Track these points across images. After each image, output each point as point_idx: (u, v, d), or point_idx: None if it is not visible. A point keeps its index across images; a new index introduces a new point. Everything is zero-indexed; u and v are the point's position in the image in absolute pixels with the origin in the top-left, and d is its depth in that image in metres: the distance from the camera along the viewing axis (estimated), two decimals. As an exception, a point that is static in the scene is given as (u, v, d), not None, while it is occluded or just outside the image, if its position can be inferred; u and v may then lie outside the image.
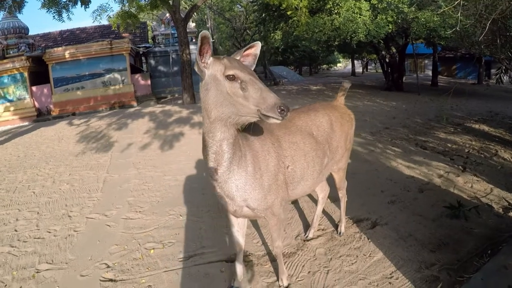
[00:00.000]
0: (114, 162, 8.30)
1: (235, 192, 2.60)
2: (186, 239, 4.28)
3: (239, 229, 3.16)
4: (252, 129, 2.67)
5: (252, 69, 2.48)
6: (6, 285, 3.64)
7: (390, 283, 3.22)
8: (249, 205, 2.68)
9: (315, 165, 3.16)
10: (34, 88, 19.64)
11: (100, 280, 3.59)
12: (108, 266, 3.83)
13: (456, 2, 4.72)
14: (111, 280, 3.58)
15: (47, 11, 15.10)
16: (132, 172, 7.35)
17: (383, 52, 21.13)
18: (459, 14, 4.58)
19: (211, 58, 2.35)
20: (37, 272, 3.82)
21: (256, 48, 2.55)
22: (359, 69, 48.40)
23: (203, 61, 2.31)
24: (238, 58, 2.47)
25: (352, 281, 3.30)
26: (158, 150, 9.20)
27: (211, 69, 2.33)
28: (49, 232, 4.80)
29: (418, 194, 5.21)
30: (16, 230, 4.94)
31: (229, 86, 2.28)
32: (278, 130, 2.99)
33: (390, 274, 3.35)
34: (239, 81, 2.26)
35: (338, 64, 64.29)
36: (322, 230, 4.32)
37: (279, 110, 2.14)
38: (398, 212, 4.64)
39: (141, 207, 5.41)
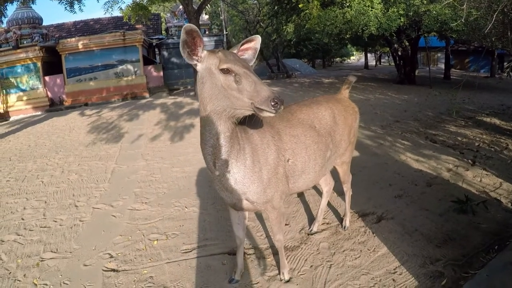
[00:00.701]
0: (123, 153, 8.34)
1: (234, 186, 2.57)
2: (190, 231, 4.27)
3: (240, 222, 3.13)
4: (250, 122, 2.62)
5: (252, 63, 2.48)
6: (10, 272, 3.68)
7: (393, 279, 3.16)
8: (248, 198, 2.65)
9: (316, 159, 3.10)
10: (47, 78, 19.81)
11: (103, 270, 3.60)
12: (112, 256, 3.84)
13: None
14: (113, 270, 3.59)
15: (59, 2, 15.17)
16: (141, 163, 7.37)
17: (395, 45, 20.87)
18: (465, 5, 4.48)
19: (205, 51, 2.34)
20: (42, 260, 3.86)
21: (256, 42, 2.52)
22: (372, 62, 47.99)
23: (197, 54, 2.32)
24: (235, 52, 2.44)
25: (355, 276, 3.25)
26: (168, 142, 9.22)
27: (206, 62, 2.32)
28: (55, 222, 4.83)
29: (426, 188, 5.12)
30: (23, 219, 4.99)
31: (223, 79, 2.26)
32: (279, 123, 2.95)
33: (394, 269, 3.30)
34: (234, 74, 2.23)
35: (352, 57, 63.82)
36: (327, 224, 4.27)
37: (272, 103, 2.11)
38: (404, 206, 4.56)
39: (147, 198, 5.42)
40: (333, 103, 3.46)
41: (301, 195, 5.05)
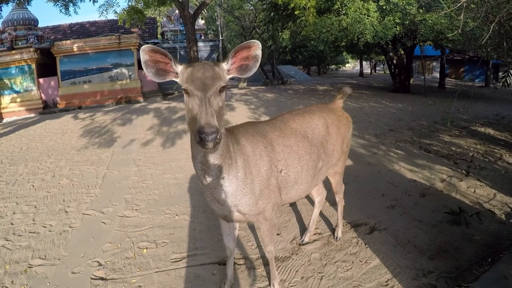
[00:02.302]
0: (115, 158, 8.28)
1: (225, 198, 2.54)
2: (180, 240, 4.24)
3: (230, 233, 3.10)
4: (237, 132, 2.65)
5: (252, 73, 2.38)
6: None
7: None
8: (240, 210, 2.63)
9: (309, 169, 3.08)
10: (41, 80, 19.63)
11: (91, 278, 3.56)
12: (100, 264, 3.81)
13: (459, 4, 4.64)
14: (101, 278, 3.56)
15: (54, 5, 15.10)
16: (132, 169, 7.33)
17: (390, 54, 20.95)
18: (462, 16, 4.50)
19: (180, 65, 2.32)
20: (30, 267, 3.82)
21: (254, 48, 2.31)
22: (367, 70, 48.17)
23: (172, 69, 2.31)
24: (228, 62, 2.34)
25: None
26: (160, 147, 9.17)
27: (180, 77, 2.30)
28: (45, 227, 4.79)
29: (419, 198, 5.11)
30: (12, 224, 4.95)
31: (185, 98, 2.25)
32: (272, 133, 2.93)
33: (386, 281, 3.28)
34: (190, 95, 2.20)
35: (347, 65, 64.00)
36: (319, 234, 4.25)
37: (198, 139, 2.01)
38: (397, 217, 4.55)
39: (137, 205, 5.38)
40: (326, 113, 3.44)
41: (293, 204, 5.03)
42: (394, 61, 20.91)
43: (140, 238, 4.32)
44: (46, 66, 19.86)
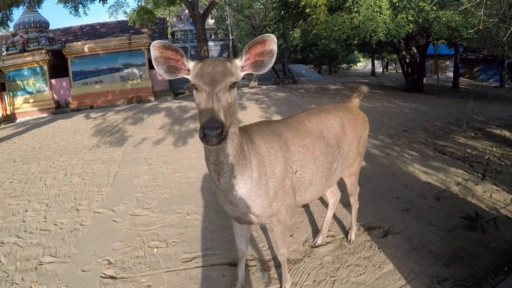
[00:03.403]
0: (126, 157, 8.29)
1: (239, 200, 2.47)
2: (191, 239, 4.19)
3: (242, 234, 3.04)
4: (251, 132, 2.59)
5: (267, 69, 2.29)
6: (8, 275, 3.65)
7: None
8: (253, 212, 2.55)
9: (324, 170, 2.99)
10: (53, 81, 19.92)
11: (101, 277, 3.54)
12: (110, 263, 3.78)
13: (478, 0, 4.52)
14: (111, 277, 3.53)
15: (63, 6, 15.20)
16: (144, 167, 7.32)
17: (403, 52, 20.70)
18: (481, 13, 4.37)
19: (192, 62, 2.26)
20: (40, 264, 3.82)
21: (269, 43, 2.20)
22: (379, 69, 47.69)
23: (184, 66, 2.26)
24: (242, 58, 2.26)
25: None
26: (171, 146, 9.16)
27: (191, 73, 2.24)
28: (56, 225, 4.79)
29: (434, 202, 4.95)
30: (24, 221, 4.97)
31: (194, 94, 2.19)
32: (287, 132, 2.85)
33: None
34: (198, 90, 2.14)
35: (358, 64, 63.50)
36: (332, 236, 4.15)
37: (201, 135, 1.92)
38: (412, 220, 4.41)
39: (148, 203, 5.36)
40: (343, 112, 3.34)
41: (305, 205, 4.94)
42: (407, 60, 20.65)
43: (151, 237, 4.29)
44: (58, 67, 20.12)
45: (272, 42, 2.20)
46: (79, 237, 4.40)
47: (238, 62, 2.26)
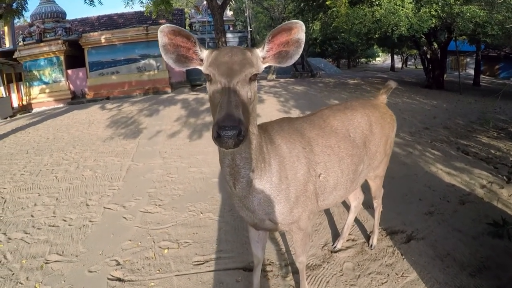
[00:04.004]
0: (140, 150, 8.12)
1: (257, 206, 2.23)
2: (204, 240, 3.98)
3: (259, 240, 2.79)
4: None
5: (293, 61, 2.00)
6: (13, 273, 3.53)
7: None
8: (272, 219, 2.30)
9: (349, 173, 2.72)
10: (69, 71, 19.95)
11: (108, 279, 3.38)
12: (118, 264, 3.60)
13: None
14: (119, 279, 3.36)
15: (78, -4, 15.14)
16: (157, 161, 7.14)
17: (424, 48, 20.25)
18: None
19: (205, 50, 2.00)
20: (46, 263, 3.69)
21: (296, 31, 1.93)
22: (398, 64, 47.06)
23: (196, 54, 1.99)
24: (264, 48, 1.99)
25: None
26: (187, 139, 8.96)
27: (204, 63, 1.97)
28: (65, 221, 4.65)
29: (458, 206, 4.67)
30: (32, 216, 4.84)
31: (207, 87, 1.93)
32: (310, 131, 2.58)
33: None
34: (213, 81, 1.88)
35: (377, 58, 62.78)
36: (352, 240, 3.91)
37: (215, 134, 1.64)
38: (436, 225, 4.15)
39: (161, 200, 5.17)
40: (370, 110, 3.04)
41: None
42: (428, 56, 20.18)
43: (162, 237, 4.09)
44: (74, 58, 20.13)
45: (299, 30, 1.92)
46: (88, 235, 4.24)
47: (259, 52, 2.00)
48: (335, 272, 3.36)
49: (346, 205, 4.50)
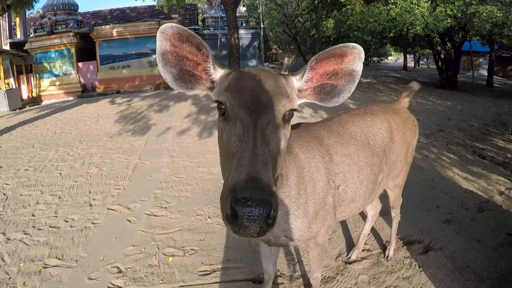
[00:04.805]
0: (148, 147, 7.92)
1: None
2: (211, 248, 3.75)
3: (270, 255, 2.57)
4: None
5: (341, 100, 1.58)
6: (10, 277, 3.37)
7: None
8: (288, 235, 2.04)
9: (368, 184, 2.45)
10: (80, 64, 19.90)
11: (108, 287, 3.16)
12: (120, 271, 3.40)
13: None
14: (120, 288, 3.13)
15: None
16: (165, 160, 6.93)
17: (438, 48, 19.91)
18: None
19: (220, 69, 1.55)
20: (45, 267, 3.51)
21: (352, 58, 1.52)
22: (410, 63, 46.57)
23: (208, 74, 1.54)
24: (303, 76, 1.57)
25: None
26: (196, 137, 8.75)
27: (217, 87, 1.53)
28: (66, 222, 4.46)
29: (476, 213, 4.44)
30: (33, 215, 4.67)
31: (219, 123, 1.49)
32: (329, 138, 2.32)
33: None
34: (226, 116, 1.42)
35: (389, 57, 62.20)
36: (368, 251, 3.68)
37: (228, 211, 1.13)
38: (454, 235, 3.92)
39: (167, 202, 4.95)
40: (391, 115, 2.76)
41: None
42: (442, 56, 19.86)
43: (167, 243, 3.87)
44: (85, 51, 20.08)
45: (356, 58, 1.51)
46: (89, 238, 4.04)
47: (296, 81, 1.57)
48: (349, 286, 3.14)
49: (362, 213, 4.26)
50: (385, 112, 2.77)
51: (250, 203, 1.07)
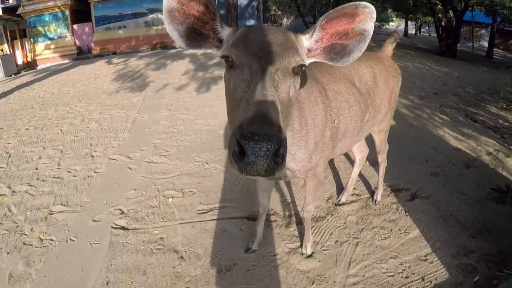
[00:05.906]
0: (146, 102, 8.00)
1: None
2: (208, 190, 3.91)
3: (266, 189, 2.73)
4: None
5: (351, 59, 1.57)
6: (18, 225, 3.51)
7: (423, 267, 2.78)
8: (291, 167, 2.16)
9: (357, 121, 2.56)
10: (75, 26, 19.61)
11: (112, 227, 3.35)
12: (123, 213, 3.57)
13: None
14: (123, 227, 3.33)
15: None
16: (164, 113, 7.03)
17: (439, 15, 19.60)
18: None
19: (227, 28, 1.55)
20: (50, 214, 3.66)
21: (363, 18, 1.49)
22: (411, 30, 45.96)
23: (215, 32, 1.56)
24: (313, 35, 1.57)
25: (383, 258, 2.87)
26: (194, 92, 8.80)
27: (224, 44, 1.54)
28: (69, 172, 4.60)
29: (463, 169, 4.56)
30: (37, 169, 4.80)
31: (225, 75, 1.49)
32: (322, 76, 2.41)
33: (425, 256, 2.91)
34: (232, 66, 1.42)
35: (391, 23, 61.18)
36: (357, 195, 3.84)
37: (234, 148, 1.13)
38: (440, 186, 4.06)
39: (166, 150, 5.09)
40: (374, 62, 2.85)
41: (331, 160, 4.60)
42: (443, 23, 19.58)
43: (166, 186, 4.04)
44: (80, 12, 19.71)
45: (368, 17, 1.48)
46: (92, 185, 4.20)
47: (305, 40, 1.57)
48: (338, 225, 3.32)
49: (351, 161, 4.41)
50: (369, 59, 2.86)
51: (258, 137, 1.07)
